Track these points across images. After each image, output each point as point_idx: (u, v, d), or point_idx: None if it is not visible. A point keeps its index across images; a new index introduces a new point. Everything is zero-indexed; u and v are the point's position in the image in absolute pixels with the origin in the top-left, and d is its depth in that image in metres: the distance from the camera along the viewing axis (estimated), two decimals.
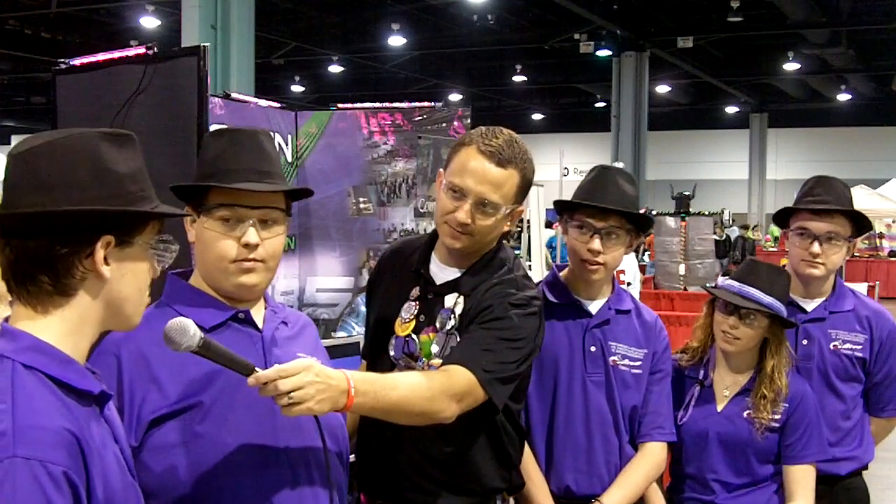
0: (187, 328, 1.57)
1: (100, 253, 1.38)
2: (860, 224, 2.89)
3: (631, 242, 2.52)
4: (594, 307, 2.56)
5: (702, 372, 2.77)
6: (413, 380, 1.93)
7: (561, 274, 2.62)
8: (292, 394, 1.62)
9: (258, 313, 1.89)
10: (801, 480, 2.67)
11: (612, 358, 2.52)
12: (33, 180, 1.38)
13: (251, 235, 1.80)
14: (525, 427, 2.48)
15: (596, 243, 2.43)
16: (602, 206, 2.42)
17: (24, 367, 1.34)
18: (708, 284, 9.40)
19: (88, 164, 1.39)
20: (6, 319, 1.43)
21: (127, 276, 1.44)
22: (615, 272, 2.62)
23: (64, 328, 1.40)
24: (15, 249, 1.37)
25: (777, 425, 2.66)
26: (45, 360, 1.36)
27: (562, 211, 2.56)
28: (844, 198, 2.85)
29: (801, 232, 2.85)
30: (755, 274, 2.67)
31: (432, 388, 1.92)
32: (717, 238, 18.74)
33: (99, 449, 1.37)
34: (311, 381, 1.64)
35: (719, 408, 2.71)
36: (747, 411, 2.68)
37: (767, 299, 2.62)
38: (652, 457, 2.55)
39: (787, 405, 2.67)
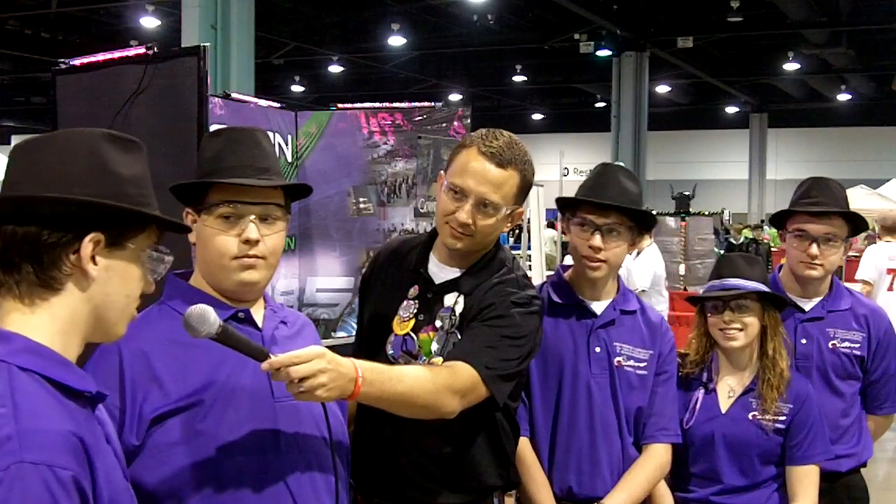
0: (207, 315, 1.59)
1: (87, 249, 1.35)
2: (856, 224, 2.91)
3: (633, 240, 2.51)
4: (599, 307, 2.54)
5: (705, 374, 2.77)
6: (418, 373, 1.97)
7: (566, 274, 2.62)
8: (304, 381, 1.64)
9: (258, 313, 1.90)
10: (805, 480, 2.67)
11: (617, 359, 2.50)
12: (31, 171, 1.37)
13: (252, 231, 1.81)
14: (528, 427, 2.49)
15: (597, 240, 2.42)
16: (601, 201, 2.43)
17: (21, 369, 1.30)
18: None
19: (88, 160, 1.38)
20: None
21: (114, 280, 1.39)
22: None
23: (55, 328, 1.36)
24: (4, 236, 1.34)
25: (782, 427, 2.67)
26: (42, 362, 1.32)
27: (564, 209, 2.56)
28: (840, 199, 2.88)
29: (799, 234, 2.86)
30: (731, 266, 2.74)
31: (437, 382, 1.96)
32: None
33: (101, 451, 1.35)
34: (324, 368, 1.67)
35: (724, 410, 2.71)
36: (752, 413, 2.68)
37: (752, 285, 2.66)
38: (656, 459, 2.53)
39: (791, 406, 2.67)
